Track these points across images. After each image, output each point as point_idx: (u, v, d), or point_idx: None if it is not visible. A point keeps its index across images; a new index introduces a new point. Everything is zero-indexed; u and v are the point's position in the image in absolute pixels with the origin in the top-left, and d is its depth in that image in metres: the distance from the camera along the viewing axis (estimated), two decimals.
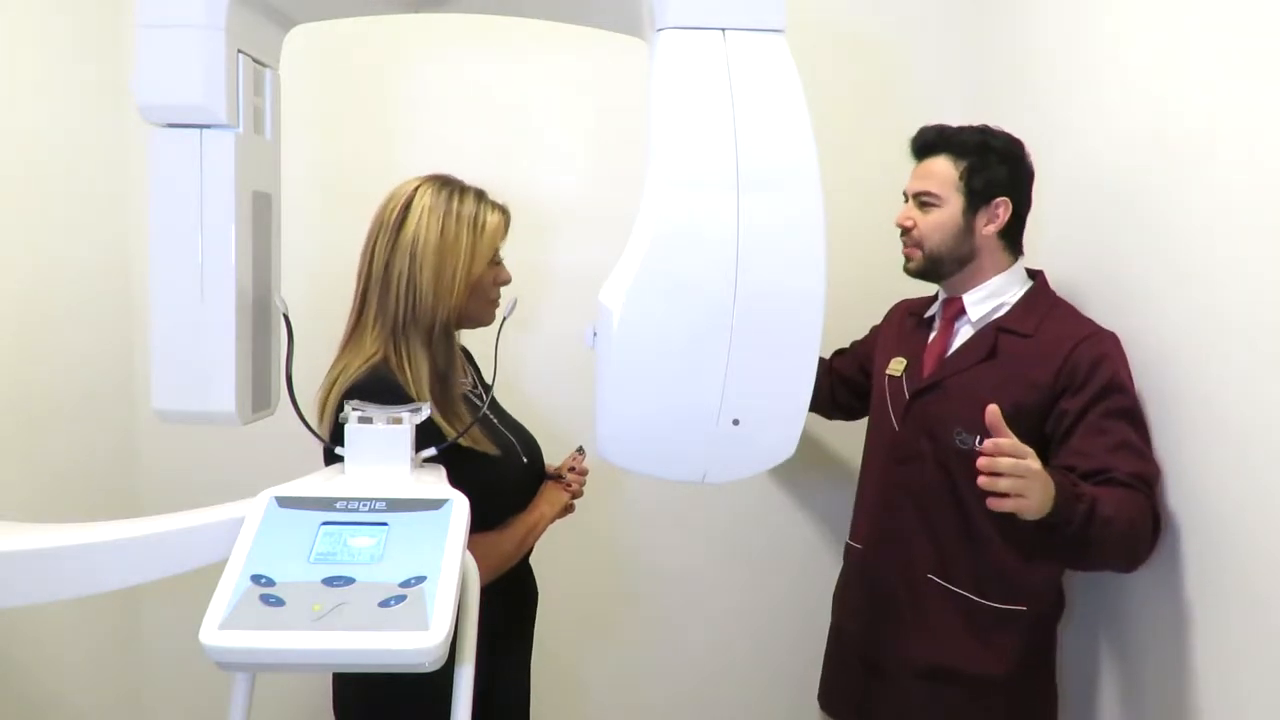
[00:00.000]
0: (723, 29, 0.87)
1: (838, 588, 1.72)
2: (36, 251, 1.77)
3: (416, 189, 1.37)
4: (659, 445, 0.88)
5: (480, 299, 1.41)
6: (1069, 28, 1.70)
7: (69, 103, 1.85)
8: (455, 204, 1.37)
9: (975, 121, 1.54)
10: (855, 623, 1.60)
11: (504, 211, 1.44)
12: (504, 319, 1.20)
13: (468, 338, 1.53)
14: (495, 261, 1.43)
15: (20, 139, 1.72)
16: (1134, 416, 1.36)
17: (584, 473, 1.55)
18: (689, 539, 2.22)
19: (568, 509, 1.52)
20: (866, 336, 1.85)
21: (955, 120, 1.56)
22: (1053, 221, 1.72)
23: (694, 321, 0.84)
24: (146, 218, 0.94)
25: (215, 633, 0.73)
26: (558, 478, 1.52)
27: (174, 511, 0.93)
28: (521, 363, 2.13)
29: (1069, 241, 1.67)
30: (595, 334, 0.88)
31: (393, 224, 1.34)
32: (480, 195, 1.42)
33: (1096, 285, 1.57)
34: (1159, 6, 1.40)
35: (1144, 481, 1.30)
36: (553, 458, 1.58)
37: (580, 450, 1.57)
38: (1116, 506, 1.25)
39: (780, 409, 0.89)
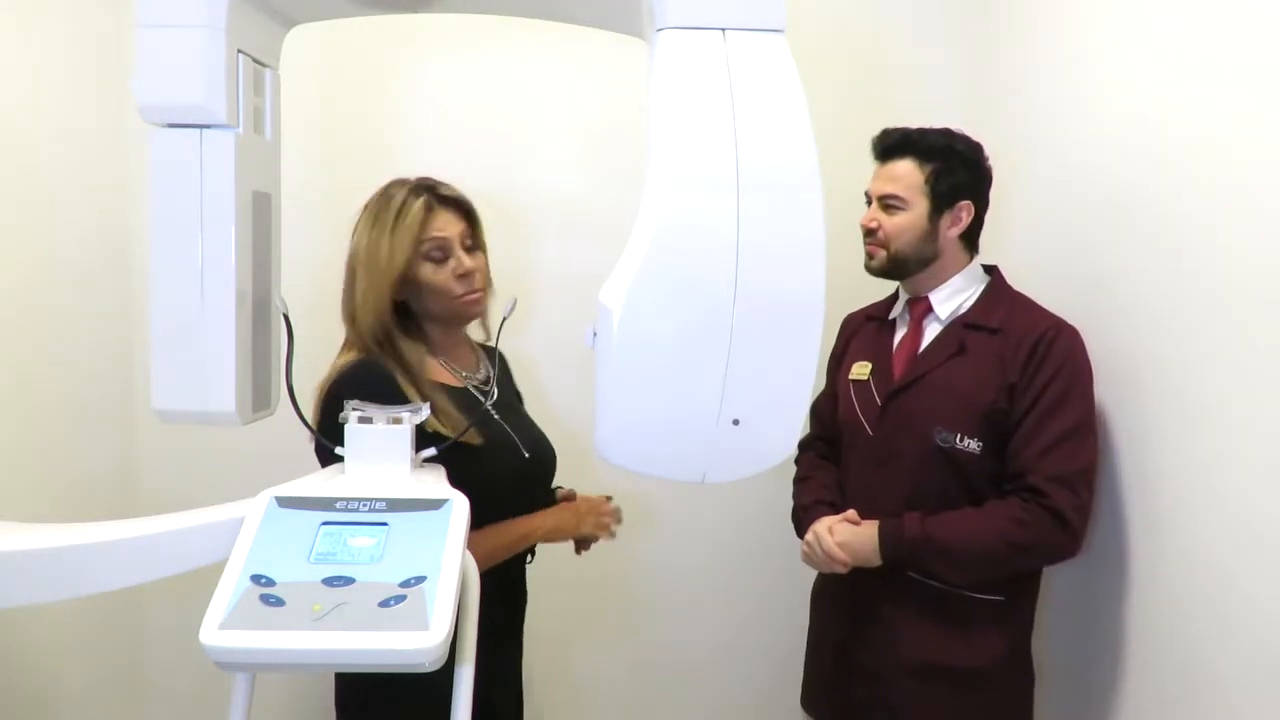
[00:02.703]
0: (723, 29, 0.86)
1: (815, 591, 1.73)
2: (37, 251, 1.77)
3: (372, 196, 1.36)
4: (659, 445, 0.88)
5: (439, 296, 1.34)
6: (1062, 31, 1.70)
7: (69, 102, 1.85)
8: (386, 200, 1.33)
9: (972, 122, 1.55)
10: (838, 625, 1.60)
11: (439, 198, 1.35)
12: (504, 319, 1.20)
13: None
14: (434, 253, 1.34)
15: (20, 139, 1.72)
16: (1082, 408, 1.42)
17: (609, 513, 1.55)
18: (688, 538, 2.22)
19: (582, 540, 1.54)
20: (829, 368, 1.76)
21: (952, 121, 1.57)
22: (1046, 220, 1.73)
23: (694, 321, 0.84)
24: (146, 218, 0.94)
25: (215, 633, 0.73)
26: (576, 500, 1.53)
27: (174, 511, 0.93)
28: (521, 363, 2.13)
29: (1059, 240, 1.67)
30: (595, 334, 0.88)
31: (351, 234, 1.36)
32: (418, 187, 1.34)
33: (1083, 283, 1.58)
34: (1150, 10, 1.41)
35: (1059, 482, 1.38)
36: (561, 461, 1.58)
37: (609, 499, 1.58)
38: (961, 533, 1.41)
39: (780, 409, 0.89)
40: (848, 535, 1.48)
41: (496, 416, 1.42)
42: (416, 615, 0.74)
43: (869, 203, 1.57)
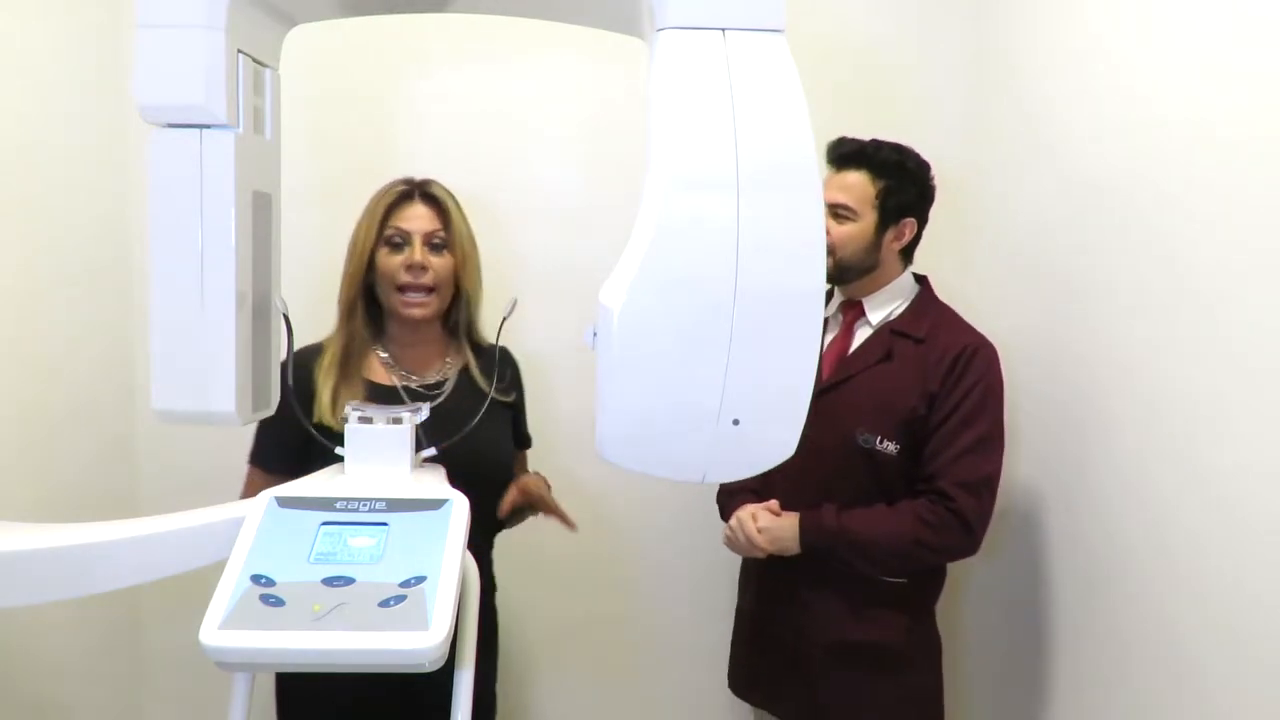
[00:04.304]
0: (723, 29, 0.86)
1: (741, 574, 1.80)
2: (36, 251, 1.77)
3: None
4: (659, 445, 0.88)
5: (386, 283, 1.42)
6: (1062, 30, 1.70)
7: (69, 103, 1.85)
8: (378, 190, 1.45)
9: (972, 122, 1.55)
10: (759, 605, 1.70)
11: (421, 194, 1.44)
12: (504, 319, 1.20)
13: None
14: (393, 239, 1.42)
15: (20, 139, 1.72)
16: (992, 420, 1.53)
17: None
18: (679, 537, 2.22)
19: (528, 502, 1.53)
20: None
21: (951, 121, 1.57)
22: (1049, 221, 1.73)
23: (694, 321, 0.84)
24: (146, 218, 0.94)
25: (215, 633, 0.73)
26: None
27: (174, 511, 0.93)
28: (521, 363, 2.12)
29: (1062, 242, 1.67)
30: (595, 334, 0.88)
31: None
32: (404, 180, 1.45)
33: (1080, 284, 1.59)
34: (1153, 10, 1.40)
35: (965, 488, 1.49)
36: (552, 458, 1.57)
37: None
38: (873, 528, 1.52)
39: (780, 409, 0.89)
40: (769, 523, 1.58)
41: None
42: (416, 615, 0.75)
43: None
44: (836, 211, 1.58)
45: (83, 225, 1.90)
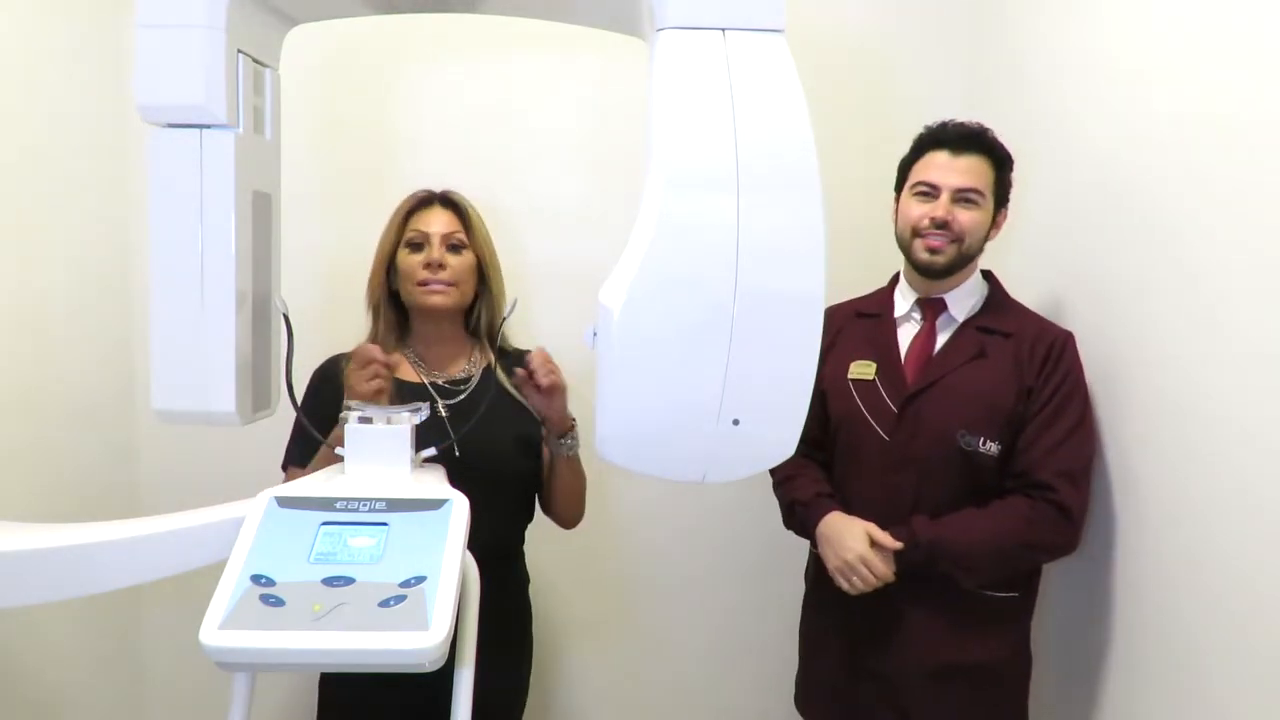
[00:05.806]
0: (723, 29, 0.87)
1: (813, 594, 1.68)
2: (36, 252, 1.77)
3: None
4: (659, 445, 0.88)
5: (406, 280, 1.47)
6: (1063, 27, 1.70)
7: (69, 103, 1.85)
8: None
9: (974, 120, 1.55)
10: (844, 627, 1.56)
11: (440, 199, 1.50)
12: (503, 319, 1.21)
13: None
14: (413, 241, 1.47)
15: (20, 140, 1.72)
16: (1083, 407, 1.46)
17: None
18: (685, 538, 2.22)
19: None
20: None
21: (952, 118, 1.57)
22: (1050, 220, 1.72)
23: (694, 321, 0.84)
24: (147, 218, 0.94)
25: (215, 633, 0.73)
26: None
27: (174, 511, 0.93)
28: None
29: (1062, 239, 1.67)
30: (595, 334, 0.88)
31: None
32: (426, 190, 1.51)
33: (1087, 283, 1.58)
34: (1153, 4, 1.41)
35: (1066, 477, 1.41)
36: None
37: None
38: (971, 534, 1.42)
39: (780, 408, 0.89)
40: (867, 549, 1.45)
41: (444, 415, 1.44)
42: (416, 615, 0.75)
43: (928, 193, 1.51)
44: (966, 196, 1.48)
45: (83, 225, 1.90)
